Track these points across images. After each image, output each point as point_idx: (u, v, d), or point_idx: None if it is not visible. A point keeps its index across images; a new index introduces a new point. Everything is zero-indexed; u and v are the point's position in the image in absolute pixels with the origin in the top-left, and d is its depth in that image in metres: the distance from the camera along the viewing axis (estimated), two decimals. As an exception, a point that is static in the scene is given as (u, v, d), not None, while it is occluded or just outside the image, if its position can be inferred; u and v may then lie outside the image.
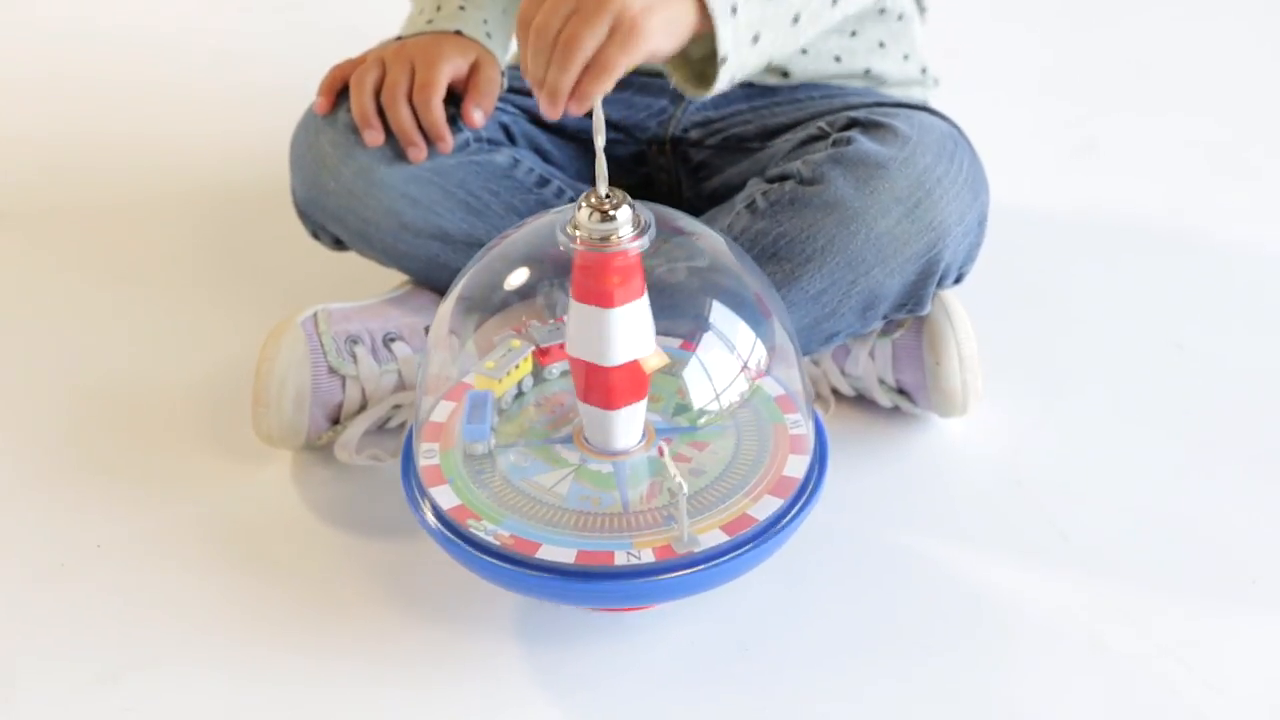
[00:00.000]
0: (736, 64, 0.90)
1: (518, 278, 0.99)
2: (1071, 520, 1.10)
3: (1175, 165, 1.55)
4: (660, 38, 0.87)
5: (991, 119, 1.44)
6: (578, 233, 0.92)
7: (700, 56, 0.91)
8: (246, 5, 1.88)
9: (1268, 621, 1.02)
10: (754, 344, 0.98)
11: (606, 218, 0.92)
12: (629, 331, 0.94)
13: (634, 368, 0.95)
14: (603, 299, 0.93)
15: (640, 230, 0.93)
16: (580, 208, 0.92)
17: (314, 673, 1.01)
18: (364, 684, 0.99)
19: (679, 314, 0.99)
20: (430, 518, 0.98)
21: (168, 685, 1.00)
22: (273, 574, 1.09)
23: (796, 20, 0.92)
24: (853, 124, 1.13)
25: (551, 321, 1.01)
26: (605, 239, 0.92)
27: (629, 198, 0.93)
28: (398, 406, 1.19)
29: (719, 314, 0.98)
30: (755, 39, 0.90)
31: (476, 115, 1.17)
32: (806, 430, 1.02)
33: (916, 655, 1.00)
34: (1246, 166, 1.55)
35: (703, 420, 0.99)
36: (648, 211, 0.94)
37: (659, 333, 0.97)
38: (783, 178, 1.11)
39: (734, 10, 0.89)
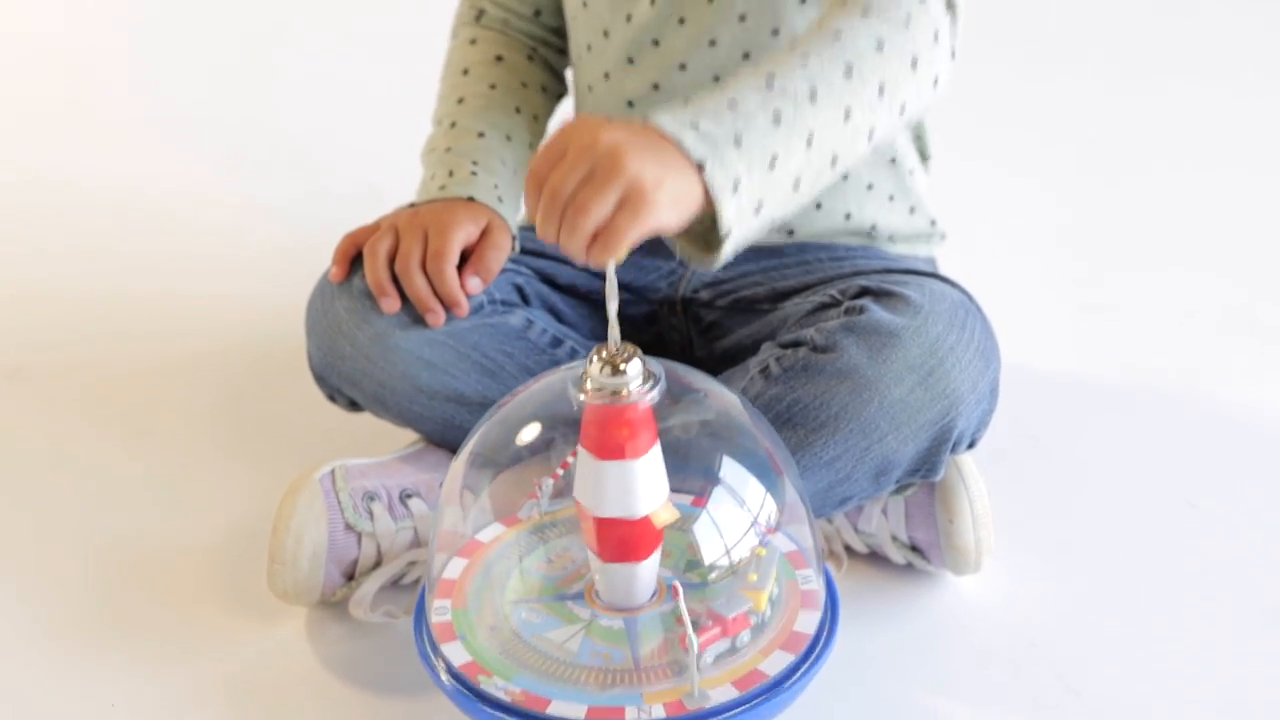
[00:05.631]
0: (740, 235, 0.92)
1: (528, 434, 1.00)
2: (1084, 679, 1.10)
3: (1186, 322, 1.56)
4: (668, 212, 0.88)
5: (1001, 274, 1.46)
6: (589, 385, 0.93)
7: (702, 226, 0.92)
8: (264, 167, 1.91)
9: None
10: (765, 500, 0.99)
11: (617, 371, 0.93)
12: (640, 485, 0.95)
13: (645, 522, 0.95)
14: (613, 452, 0.93)
15: (651, 384, 0.94)
16: (591, 361, 0.93)
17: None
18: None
19: (690, 470, 1.00)
20: (443, 674, 0.98)
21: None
22: (287, 730, 1.09)
23: (798, 185, 0.94)
24: (864, 292, 1.15)
25: (560, 473, 1.01)
26: (616, 392, 0.93)
27: (640, 352, 0.94)
28: (413, 563, 1.19)
29: (730, 470, 0.99)
30: (758, 209, 0.92)
31: (473, 284, 1.19)
32: (818, 585, 1.02)
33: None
34: (1257, 324, 1.56)
35: (713, 576, 0.99)
36: (658, 366, 0.95)
37: (671, 488, 0.97)
38: (796, 344, 1.13)
39: (736, 186, 0.90)
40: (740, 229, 0.91)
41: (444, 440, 1.24)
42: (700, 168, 0.89)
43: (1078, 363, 1.49)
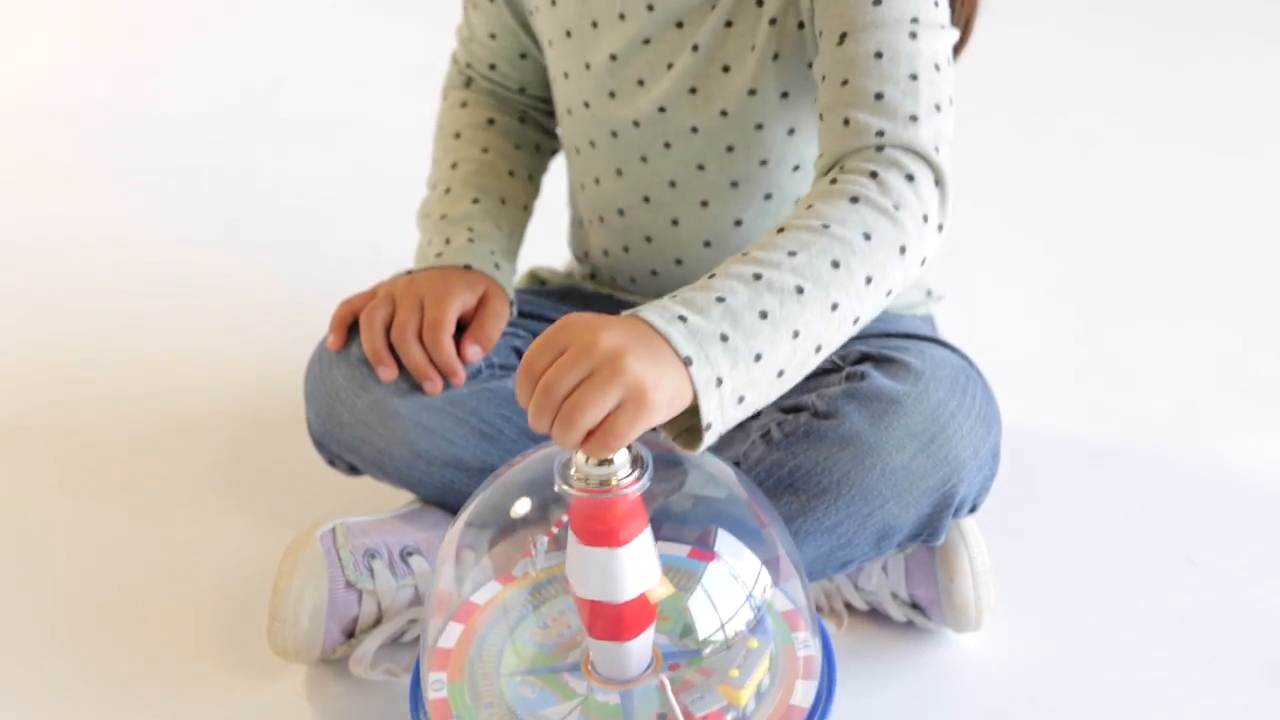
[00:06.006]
0: (721, 425, 0.92)
1: (524, 505, 0.99)
2: (1085, 738, 1.10)
3: (1184, 377, 1.57)
4: (663, 411, 0.88)
5: (998, 329, 1.46)
6: (574, 474, 0.92)
7: (687, 414, 0.92)
8: (263, 225, 1.92)
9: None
10: (759, 569, 0.99)
11: (604, 461, 0.91)
12: (631, 569, 0.94)
13: (638, 601, 0.94)
14: (602, 539, 0.92)
15: (638, 472, 0.92)
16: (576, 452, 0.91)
17: None
18: None
19: (684, 532, 1.00)
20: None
21: None
22: (285, 790, 1.09)
23: (781, 375, 0.94)
24: (865, 358, 1.15)
25: (555, 530, 1.00)
26: (604, 482, 0.91)
27: None
28: (413, 621, 1.19)
29: (724, 539, 0.99)
30: (740, 400, 0.92)
31: (473, 352, 1.19)
32: (815, 649, 1.02)
33: None
34: (1256, 378, 1.56)
35: (708, 650, 0.98)
36: (646, 450, 0.94)
37: (668, 539, 0.97)
38: (797, 409, 1.13)
39: (719, 382, 0.90)
40: (722, 421, 0.91)
41: (442, 503, 1.24)
42: (687, 364, 0.89)
43: (1076, 418, 1.49)
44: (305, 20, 2.57)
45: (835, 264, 0.95)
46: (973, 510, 1.15)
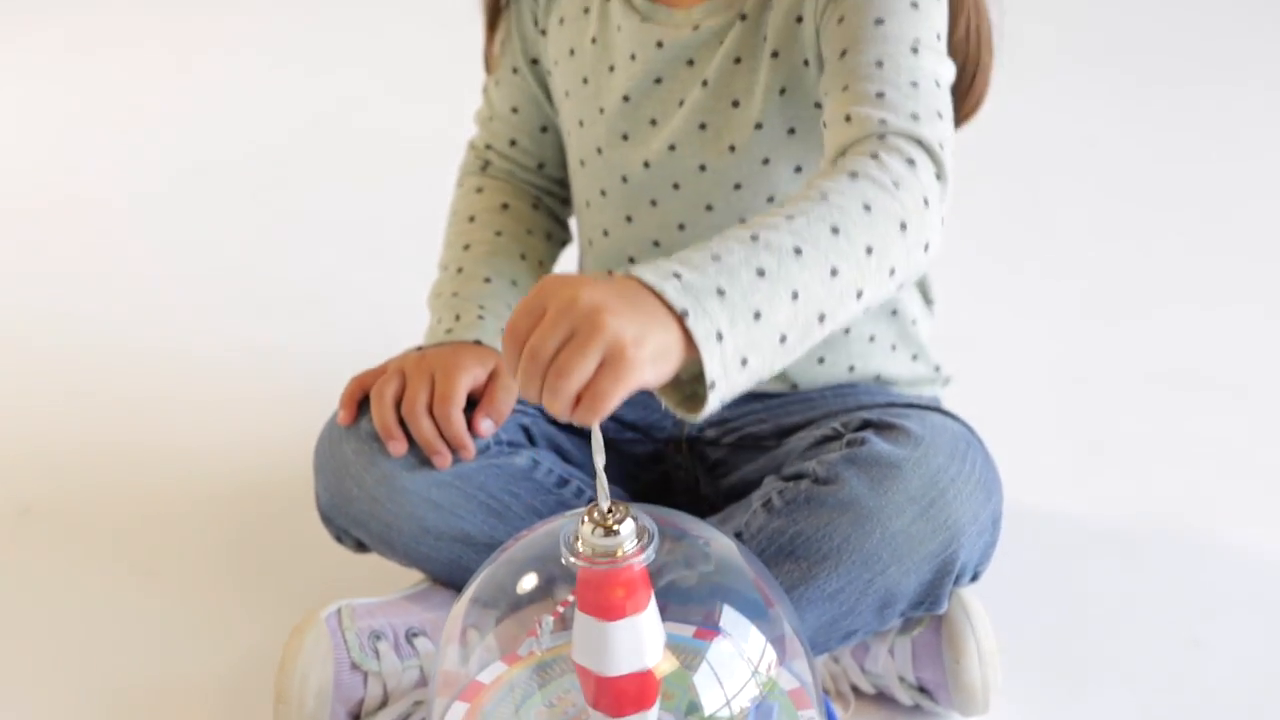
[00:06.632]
0: (726, 388, 0.90)
1: (530, 580, 0.99)
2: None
3: (1186, 463, 1.57)
4: (651, 368, 0.86)
5: (1003, 411, 1.46)
6: (581, 547, 0.91)
7: (689, 378, 0.91)
8: (272, 304, 1.93)
9: None
10: (765, 647, 0.98)
11: (610, 532, 0.91)
12: (635, 643, 0.93)
13: (642, 676, 0.94)
14: (609, 612, 0.92)
15: (644, 543, 0.92)
16: (583, 522, 0.91)
17: None
18: None
19: (689, 610, 0.99)
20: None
21: None
22: None
23: (784, 340, 0.92)
24: (866, 424, 1.15)
25: (561, 610, 0.99)
26: (609, 554, 0.91)
27: (632, 509, 0.92)
28: (419, 703, 1.19)
29: (729, 616, 0.98)
30: (744, 362, 0.90)
31: (485, 425, 1.20)
32: (821, 729, 1.02)
33: None
34: (1259, 462, 1.56)
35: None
36: (651, 522, 0.93)
37: (673, 619, 0.96)
38: (798, 476, 1.13)
39: (720, 336, 0.88)
40: (726, 382, 0.89)
41: (450, 580, 1.24)
42: (682, 318, 0.87)
43: (1082, 500, 1.49)
44: (318, 100, 2.60)
45: (834, 230, 0.94)
46: (974, 579, 1.15)
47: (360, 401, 1.22)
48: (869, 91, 1.05)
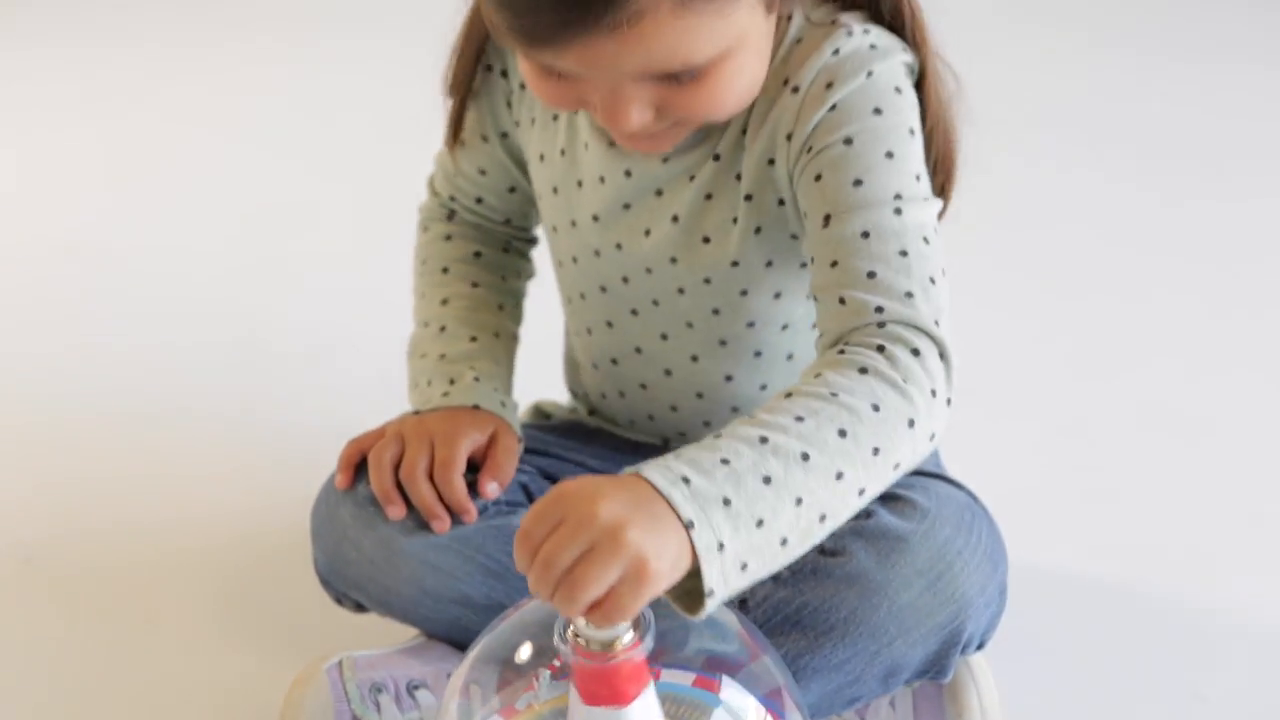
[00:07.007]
0: (724, 593, 0.90)
1: (532, 644, 0.98)
2: None
3: (1189, 512, 1.57)
4: (667, 579, 0.87)
5: (1002, 463, 1.46)
6: (577, 641, 0.90)
7: (690, 580, 0.91)
8: (270, 360, 1.93)
9: None
10: (765, 716, 0.98)
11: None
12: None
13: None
14: (605, 700, 0.91)
15: (642, 631, 0.91)
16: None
17: None
18: None
19: (687, 655, 0.99)
20: None
21: None
22: None
23: (785, 543, 0.92)
24: None
25: (558, 664, 0.98)
26: (607, 646, 0.90)
27: None
28: (418, 756, 1.19)
29: (727, 690, 0.98)
30: (743, 567, 0.91)
31: (491, 488, 1.19)
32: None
33: None
34: (1262, 514, 1.56)
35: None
36: (648, 612, 0.92)
37: (675, 666, 0.96)
38: None
39: (721, 546, 0.89)
40: (724, 587, 0.90)
41: (449, 640, 1.23)
42: (689, 527, 0.88)
43: (1083, 553, 1.49)
44: (315, 153, 2.61)
45: (842, 433, 0.94)
46: (980, 647, 1.15)
47: (358, 465, 1.22)
48: (860, 270, 1.03)
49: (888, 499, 1.12)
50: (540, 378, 1.39)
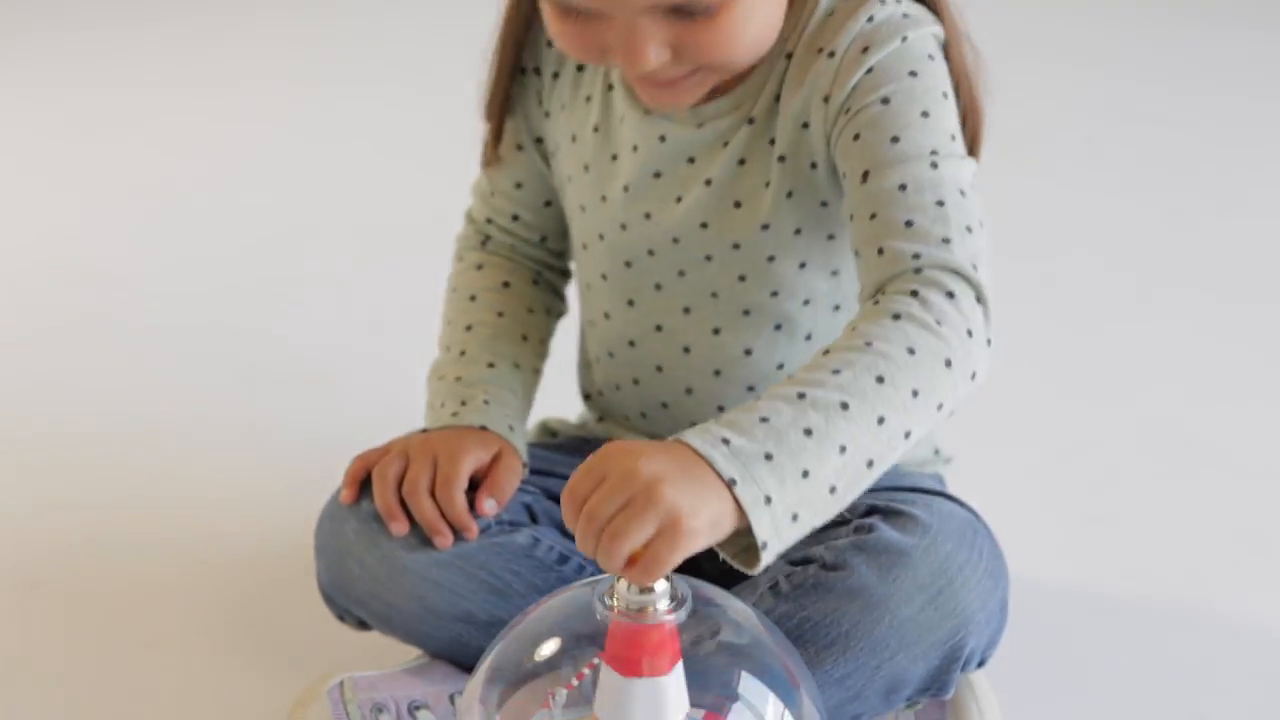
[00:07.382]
0: (779, 545, 0.93)
1: (545, 650, 0.99)
2: None
3: (1190, 533, 1.57)
4: (704, 537, 0.90)
5: (1007, 488, 1.46)
6: (615, 602, 0.93)
7: (746, 530, 0.93)
8: (275, 379, 1.94)
9: None
10: (783, 714, 0.98)
11: (645, 589, 0.93)
12: (661, 702, 0.94)
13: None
14: (636, 668, 0.93)
15: (678, 603, 0.94)
16: (619, 578, 0.93)
17: None
18: None
19: (704, 686, 0.98)
20: None
21: None
22: None
23: (834, 491, 0.95)
24: (873, 510, 1.15)
25: (575, 683, 0.99)
26: (642, 610, 0.93)
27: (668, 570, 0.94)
28: (420, 777, 1.19)
29: (747, 685, 0.98)
30: (795, 518, 0.93)
31: (489, 505, 1.20)
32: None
33: None
34: (1263, 535, 1.56)
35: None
36: (685, 585, 0.95)
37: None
38: (806, 561, 1.13)
39: (768, 500, 0.92)
40: (778, 539, 0.93)
41: (452, 658, 1.23)
42: (730, 485, 0.91)
43: (1084, 574, 1.49)
44: (318, 174, 2.61)
45: (880, 379, 0.96)
46: (981, 664, 1.15)
47: (363, 481, 1.22)
48: (898, 220, 1.06)
49: (889, 514, 1.13)
50: (548, 394, 1.38)
